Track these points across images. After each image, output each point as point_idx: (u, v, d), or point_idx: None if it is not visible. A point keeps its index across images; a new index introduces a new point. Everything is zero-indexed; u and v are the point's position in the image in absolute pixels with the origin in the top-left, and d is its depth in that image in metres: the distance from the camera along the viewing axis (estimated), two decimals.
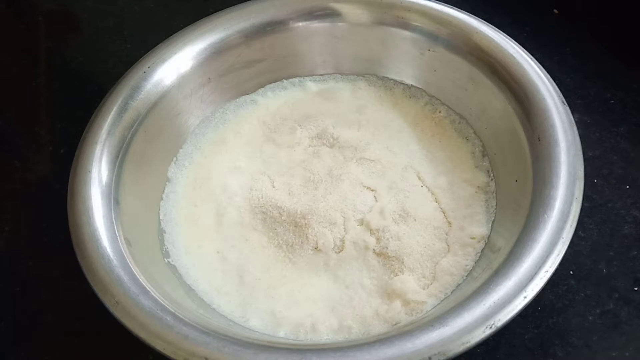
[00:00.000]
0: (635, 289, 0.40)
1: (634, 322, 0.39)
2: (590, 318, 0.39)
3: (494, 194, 0.41)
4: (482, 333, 0.30)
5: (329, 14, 0.46)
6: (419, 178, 0.44)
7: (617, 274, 0.41)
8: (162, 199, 0.43)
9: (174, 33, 0.45)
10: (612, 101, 0.49)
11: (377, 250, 0.40)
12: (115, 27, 0.60)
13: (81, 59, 0.59)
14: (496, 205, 0.41)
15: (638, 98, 0.49)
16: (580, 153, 0.36)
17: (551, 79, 0.39)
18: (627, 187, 0.45)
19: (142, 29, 0.59)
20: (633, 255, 0.42)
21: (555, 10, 0.55)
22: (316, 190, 0.43)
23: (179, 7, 0.61)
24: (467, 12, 0.44)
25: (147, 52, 0.44)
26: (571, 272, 0.41)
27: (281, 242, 0.41)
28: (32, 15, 0.63)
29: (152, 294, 0.33)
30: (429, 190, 0.43)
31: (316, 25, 0.46)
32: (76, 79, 0.56)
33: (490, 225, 0.40)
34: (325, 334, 0.37)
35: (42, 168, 0.52)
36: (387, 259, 0.40)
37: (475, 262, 0.39)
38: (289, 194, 0.43)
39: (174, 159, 0.45)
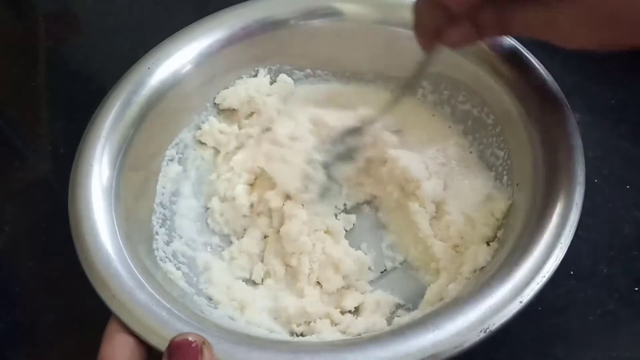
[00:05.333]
0: (636, 289, 0.40)
1: (635, 323, 0.39)
2: (591, 318, 0.39)
3: None
4: (475, 337, 0.30)
5: (334, 13, 0.46)
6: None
7: (617, 275, 0.41)
8: (162, 194, 0.43)
9: (174, 33, 0.45)
10: (613, 101, 0.49)
11: None
12: (115, 27, 0.60)
13: (81, 59, 0.59)
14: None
15: (639, 98, 0.49)
16: (582, 158, 0.36)
17: (556, 84, 0.39)
18: (628, 187, 0.45)
19: (142, 29, 0.59)
20: (634, 255, 0.42)
21: None
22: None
23: (179, 7, 0.61)
24: None
25: (147, 52, 0.44)
26: (572, 273, 0.41)
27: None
28: (32, 15, 0.63)
29: (149, 289, 0.33)
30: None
31: (321, 24, 0.46)
32: (76, 79, 0.56)
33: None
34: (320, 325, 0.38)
35: (42, 168, 0.52)
36: None
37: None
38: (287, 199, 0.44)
39: (176, 156, 0.45)
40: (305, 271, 0.40)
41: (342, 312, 0.39)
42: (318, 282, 0.41)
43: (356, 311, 0.40)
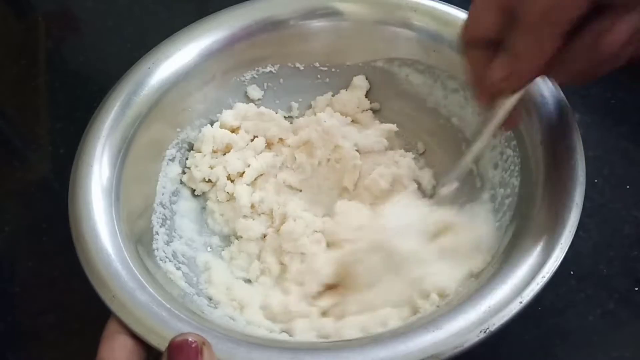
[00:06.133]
0: (636, 289, 0.40)
1: (635, 323, 0.39)
2: (591, 318, 0.39)
3: None
4: (475, 337, 0.30)
5: (334, 13, 0.46)
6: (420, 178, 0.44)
7: (617, 274, 0.41)
8: (162, 194, 0.43)
9: (174, 33, 0.45)
10: (613, 101, 0.49)
11: None
12: (115, 27, 0.60)
13: (81, 59, 0.59)
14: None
15: (638, 98, 0.49)
16: (582, 158, 0.36)
17: (556, 84, 0.39)
18: (628, 187, 0.45)
19: (142, 29, 0.59)
20: (634, 255, 0.42)
21: None
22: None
23: (179, 7, 0.61)
24: (462, 9, 0.44)
25: (147, 52, 0.44)
26: (572, 273, 0.41)
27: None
28: (32, 15, 0.63)
29: (149, 289, 0.33)
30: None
31: (321, 24, 0.46)
32: (76, 79, 0.56)
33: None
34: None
35: (42, 168, 0.52)
36: None
37: None
38: (288, 196, 0.44)
39: (176, 156, 0.45)
40: (294, 269, 0.40)
41: (324, 314, 0.39)
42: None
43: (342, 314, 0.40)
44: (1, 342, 0.42)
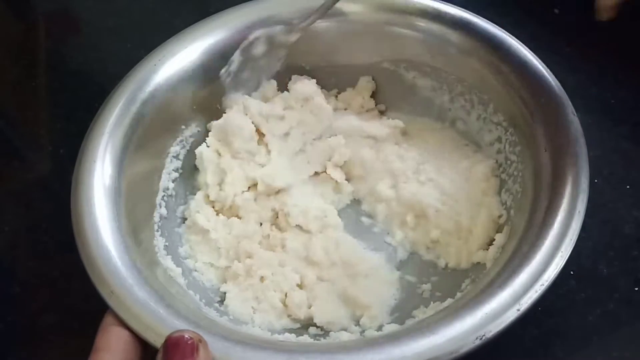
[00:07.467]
0: (636, 289, 0.40)
1: (635, 323, 0.39)
2: (591, 318, 0.39)
3: None
4: (471, 343, 0.30)
5: (340, 14, 0.46)
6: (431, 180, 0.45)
7: (617, 274, 0.41)
8: (164, 191, 0.43)
9: (175, 33, 0.45)
10: (613, 101, 0.49)
11: None
12: (115, 27, 0.60)
13: (81, 59, 0.59)
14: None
15: (639, 98, 0.49)
16: (586, 165, 0.36)
17: (562, 89, 0.39)
18: (628, 187, 0.45)
19: (142, 29, 0.59)
20: (634, 255, 0.42)
21: (555, 10, 0.55)
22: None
23: (179, 7, 0.61)
24: (469, 12, 0.44)
25: (148, 52, 0.44)
26: (572, 273, 0.41)
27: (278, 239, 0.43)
28: (32, 15, 0.63)
29: (147, 285, 0.33)
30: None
31: (326, 24, 0.46)
32: (76, 79, 0.56)
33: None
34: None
35: (42, 168, 0.52)
36: None
37: None
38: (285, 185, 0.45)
39: (181, 153, 0.45)
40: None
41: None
42: None
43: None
44: (1, 342, 0.42)
